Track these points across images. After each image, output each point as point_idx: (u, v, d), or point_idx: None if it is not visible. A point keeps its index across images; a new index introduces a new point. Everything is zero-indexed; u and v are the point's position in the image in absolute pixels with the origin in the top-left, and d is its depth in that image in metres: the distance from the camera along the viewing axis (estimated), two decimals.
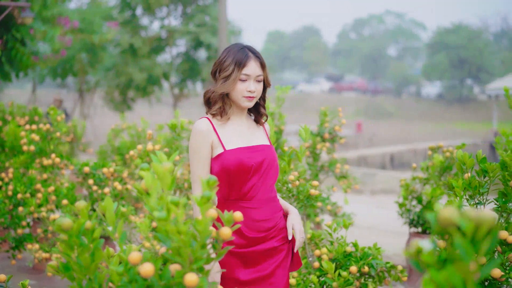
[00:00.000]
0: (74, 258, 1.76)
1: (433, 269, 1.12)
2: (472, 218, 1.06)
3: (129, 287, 1.70)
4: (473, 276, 1.07)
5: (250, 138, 2.67)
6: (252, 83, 2.57)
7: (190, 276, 1.63)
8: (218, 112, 2.61)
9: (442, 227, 1.15)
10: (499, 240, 2.60)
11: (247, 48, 2.61)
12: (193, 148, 2.57)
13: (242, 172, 2.54)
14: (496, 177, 2.78)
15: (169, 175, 1.74)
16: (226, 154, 2.54)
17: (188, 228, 1.68)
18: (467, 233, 1.07)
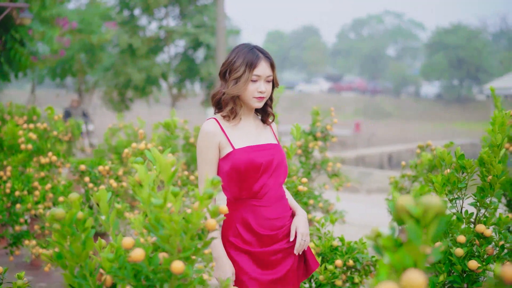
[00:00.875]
0: (66, 247, 1.87)
1: (389, 251, 1.24)
2: (421, 204, 1.18)
3: (119, 273, 1.81)
4: (423, 258, 1.18)
5: (258, 137, 2.69)
6: (263, 83, 2.59)
7: (176, 263, 1.74)
8: (229, 113, 2.63)
9: (399, 214, 1.27)
10: (447, 223, 2.71)
11: (256, 49, 2.63)
12: (200, 148, 2.60)
13: (252, 170, 2.56)
14: (474, 173, 2.89)
15: (170, 168, 1.85)
16: (235, 153, 2.56)
17: (180, 218, 1.80)
18: (417, 218, 1.18)
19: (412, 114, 48.91)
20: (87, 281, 1.86)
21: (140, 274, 1.81)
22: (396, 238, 1.27)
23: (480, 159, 2.91)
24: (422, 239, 1.19)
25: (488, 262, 2.80)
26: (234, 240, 2.60)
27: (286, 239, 2.66)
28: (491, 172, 2.86)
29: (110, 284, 1.88)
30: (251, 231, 2.59)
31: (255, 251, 2.59)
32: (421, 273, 1.08)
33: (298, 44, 73.92)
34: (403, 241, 1.24)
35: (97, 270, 1.89)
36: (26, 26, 10.80)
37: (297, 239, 2.66)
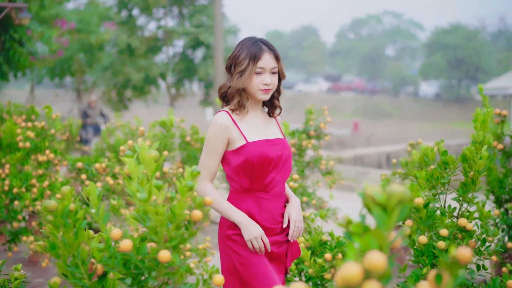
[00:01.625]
0: (59, 237, 1.96)
1: (357, 236, 1.33)
2: (385, 192, 1.27)
3: (109, 262, 1.90)
4: (387, 242, 1.27)
5: (266, 131, 2.72)
6: (268, 75, 2.61)
7: (163, 252, 1.84)
8: (237, 106, 2.65)
9: (367, 202, 1.36)
10: (410, 209, 2.79)
11: (260, 41, 2.65)
12: (210, 139, 2.62)
13: (264, 164, 2.59)
14: (457, 169, 2.98)
15: (153, 162, 1.94)
16: (249, 146, 2.59)
17: (165, 210, 1.89)
18: (381, 204, 1.27)
19: (411, 114, 49.00)
20: (79, 269, 1.95)
21: (129, 263, 1.90)
22: (364, 224, 1.36)
23: (463, 156, 3.00)
24: (386, 224, 1.28)
25: None
26: (236, 227, 2.62)
27: (284, 232, 2.72)
28: (473, 168, 2.96)
29: (101, 272, 1.97)
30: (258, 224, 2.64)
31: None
32: (382, 254, 1.17)
33: (297, 44, 74.03)
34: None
35: (88, 260, 1.98)
36: (25, 26, 10.89)
37: (290, 225, 2.70)
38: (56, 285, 2.01)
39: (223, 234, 2.69)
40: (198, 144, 6.90)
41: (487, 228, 2.97)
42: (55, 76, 18.93)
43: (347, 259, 1.29)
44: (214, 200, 2.60)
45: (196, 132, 6.99)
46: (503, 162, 4.57)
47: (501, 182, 4.55)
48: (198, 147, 6.90)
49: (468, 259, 1.20)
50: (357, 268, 1.15)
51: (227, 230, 2.66)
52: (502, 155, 4.59)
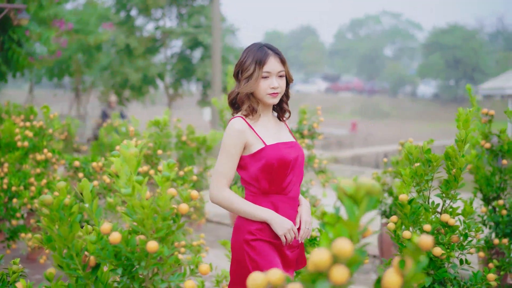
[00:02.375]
0: (55, 230, 2.06)
1: (330, 226, 1.43)
2: (354, 184, 1.37)
3: (101, 254, 2.01)
4: (357, 231, 1.38)
5: (279, 135, 2.75)
6: (275, 79, 2.65)
7: (151, 243, 1.94)
8: (248, 111, 2.67)
9: (340, 195, 1.46)
10: (378, 201, 2.89)
11: (265, 46, 2.68)
12: (227, 144, 2.63)
13: (283, 166, 2.61)
14: (440, 166, 3.08)
15: (134, 159, 2.05)
16: (268, 149, 2.61)
17: (150, 203, 1.99)
18: (351, 196, 1.38)
19: (409, 114, 49.12)
20: (73, 261, 2.05)
21: (120, 255, 2.01)
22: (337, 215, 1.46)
23: (446, 154, 3.10)
24: (355, 214, 1.38)
25: (452, 249, 2.99)
26: (256, 232, 2.62)
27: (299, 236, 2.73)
28: (456, 166, 3.06)
29: (94, 263, 2.07)
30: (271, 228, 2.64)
31: (274, 242, 2.64)
32: (349, 241, 1.27)
33: (296, 44, 74.14)
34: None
35: (82, 252, 2.09)
36: (24, 27, 10.98)
37: (301, 226, 2.72)
38: (51, 275, 2.12)
39: (240, 239, 2.66)
40: (194, 143, 7.00)
41: (470, 223, 3.07)
42: (54, 76, 19.02)
43: (319, 246, 1.39)
44: (239, 203, 2.61)
45: (192, 132, 7.09)
46: (490, 161, 4.68)
47: (488, 180, 4.66)
48: (194, 147, 7.00)
49: (429, 246, 1.31)
50: (326, 254, 1.25)
51: (245, 235, 2.64)
52: (490, 154, 4.69)
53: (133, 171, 2.06)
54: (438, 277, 2.97)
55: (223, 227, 7.60)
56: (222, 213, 8.26)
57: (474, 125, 4.87)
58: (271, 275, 1.37)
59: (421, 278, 1.32)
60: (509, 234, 4.47)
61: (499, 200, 4.52)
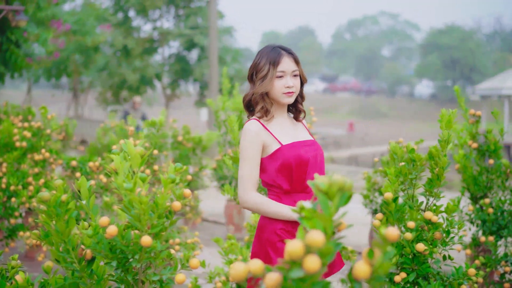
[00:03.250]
0: (52, 226, 2.18)
1: (307, 220, 1.54)
2: (327, 181, 1.49)
3: (96, 247, 2.12)
4: (330, 224, 1.49)
5: (296, 134, 2.75)
6: (289, 78, 2.67)
7: (145, 237, 2.06)
8: (262, 112, 2.69)
9: (315, 191, 1.58)
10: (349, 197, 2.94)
11: (278, 47, 2.72)
12: (246, 147, 2.64)
13: (301, 165, 2.62)
14: (424, 165, 3.20)
15: (139, 156, 2.16)
16: (284, 149, 2.63)
17: (148, 200, 2.11)
18: (325, 191, 1.49)
19: (407, 114, 49.29)
20: (70, 255, 2.17)
21: (115, 248, 2.12)
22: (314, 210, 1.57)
23: (429, 153, 3.22)
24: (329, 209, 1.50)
25: (435, 246, 3.11)
26: (281, 233, 2.62)
27: None
28: (439, 165, 3.18)
29: (90, 257, 2.19)
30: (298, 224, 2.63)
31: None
32: (321, 233, 1.39)
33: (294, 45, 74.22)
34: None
35: (79, 246, 2.20)
36: (22, 28, 11.09)
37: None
38: (49, 268, 2.23)
39: (264, 238, 2.67)
40: (190, 143, 7.11)
41: (452, 220, 3.19)
42: (51, 77, 19.13)
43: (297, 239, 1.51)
44: (268, 205, 2.60)
45: (188, 132, 7.20)
46: (478, 161, 4.80)
47: (475, 179, 4.78)
48: (190, 147, 7.11)
49: (395, 237, 1.42)
50: (300, 245, 1.37)
51: (270, 235, 2.64)
52: (477, 153, 4.81)
53: (138, 169, 2.17)
54: (422, 272, 3.09)
55: (218, 226, 7.71)
56: (218, 213, 8.37)
57: (463, 126, 5.00)
58: (251, 264, 1.49)
59: (388, 267, 1.43)
60: (495, 232, 4.60)
61: (486, 198, 4.64)
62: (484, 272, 4.53)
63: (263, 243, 2.65)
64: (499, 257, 4.51)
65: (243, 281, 1.53)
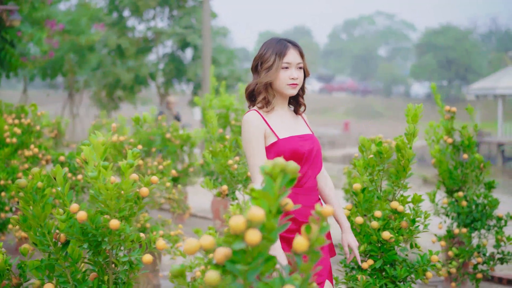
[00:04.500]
0: (30, 211, 2.32)
1: (255, 200, 1.69)
2: (271, 163, 1.63)
3: (69, 231, 2.27)
4: (274, 203, 1.64)
5: (295, 127, 2.78)
6: (294, 70, 2.70)
7: (113, 221, 2.21)
8: (263, 103, 2.71)
9: (263, 173, 1.73)
10: (291, 180, 2.98)
11: (284, 40, 2.75)
12: (249, 138, 2.66)
13: (296, 159, 2.65)
14: (391, 157, 3.35)
15: (101, 147, 2.31)
16: (280, 143, 2.66)
17: (114, 186, 2.26)
18: (268, 173, 1.64)
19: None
20: (45, 238, 2.32)
21: (86, 232, 2.27)
22: (262, 190, 1.72)
23: (397, 146, 3.37)
24: (274, 189, 1.65)
25: (400, 234, 3.27)
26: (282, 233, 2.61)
27: None
28: (405, 157, 3.33)
29: (64, 240, 2.34)
30: (292, 219, 2.63)
31: (292, 237, 2.64)
32: (261, 208, 1.53)
33: None
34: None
35: (54, 230, 2.35)
36: (16, 27, 11.21)
37: (356, 252, 2.84)
38: (26, 250, 2.38)
39: None
40: (178, 140, 7.26)
41: (418, 210, 3.34)
42: (47, 76, 19.25)
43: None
44: None
45: (176, 130, 7.35)
46: (453, 155, 4.95)
47: (451, 173, 4.94)
48: (178, 144, 7.26)
49: (329, 213, 1.57)
50: (241, 220, 1.51)
51: None
52: (452, 148, 4.97)
53: (101, 157, 2.33)
54: (388, 259, 3.24)
55: (206, 221, 7.85)
56: (206, 208, 8.51)
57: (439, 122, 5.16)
58: (203, 240, 1.64)
59: (322, 242, 1.58)
60: (469, 224, 4.75)
61: (460, 192, 4.79)
62: (457, 262, 4.69)
63: None
64: (472, 249, 4.67)
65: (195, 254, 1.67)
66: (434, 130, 5.13)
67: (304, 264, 1.60)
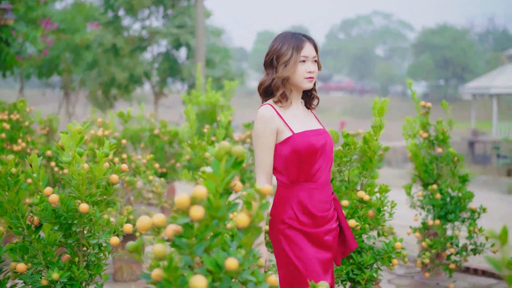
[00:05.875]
0: (5, 197, 2.47)
1: (203, 181, 1.84)
2: (218, 147, 1.78)
3: (42, 214, 2.41)
4: (220, 182, 1.78)
5: (307, 122, 2.77)
6: (311, 64, 2.71)
7: (83, 205, 2.35)
8: (280, 98, 2.70)
9: (209, 156, 1.87)
10: (236, 162, 3.03)
11: (299, 34, 2.75)
12: (258, 134, 2.66)
13: (311, 154, 2.63)
14: (358, 149, 3.50)
15: (78, 135, 2.46)
16: (296, 137, 2.64)
17: (86, 172, 2.40)
18: (214, 155, 1.78)
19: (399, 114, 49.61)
20: (20, 221, 2.46)
21: (58, 214, 2.42)
22: (211, 172, 1.86)
23: (364, 138, 3.52)
24: (220, 171, 1.79)
25: (366, 222, 3.41)
26: (290, 222, 2.64)
27: (333, 219, 2.76)
28: (371, 148, 3.48)
29: (37, 223, 2.48)
30: (307, 213, 2.66)
31: (310, 231, 2.65)
32: (204, 187, 1.68)
33: None
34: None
35: (28, 213, 2.49)
36: (10, 26, 11.34)
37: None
38: (0, 233, 2.52)
39: (275, 229, 2.69)
40: (167, 136, 7.41)
41: (383, 199, 3.49)
42: (43, 75, 19.38)
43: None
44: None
45: (165, 126, 7.50)
46: (427, 149, 5.10)
47: (426, 167, 5.08)
48: (167, 140, 7.41)
49: (267, 192, 1.72)
50: (185, 197, 1.66)
51: (279, 224, 2.67)
52: (427, 143, 5.12)
53: (76, 145, 2.47)
54: None
55: None
56: None
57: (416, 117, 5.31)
58: (155, 218, 1.78)
59: (262, 218, 1.73)
60: (443, 216, 4.90)
61: (434, 185, 4.94)
62: (430, 253, 4.84)
63: (275, 232, 2.68)
64: (445, 240, 4.82)
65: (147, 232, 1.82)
66: (411, 125, 5.28)
67: (245, 238, 1.74)
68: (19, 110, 7.33)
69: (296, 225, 2.63)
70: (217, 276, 1.72)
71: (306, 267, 2.61)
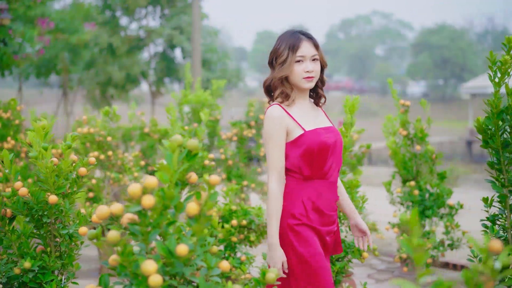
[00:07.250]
0: None
1: (158, 173, 1.95)
2: (170, 139, 1.88)
3: (14, 206, 2.53)
4: (173, 174, 1.88)
5: (316, 120, 2.74)
6: (309, 63, 2.65)
7: (52, 196, 2.46)
8: (282, 97, 2.68)
9: (165, 149, 1.98)
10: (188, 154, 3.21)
11: (298, 32, 2.71)
12: (269, 134, 2.64)
13: (323, 151, 2.61)
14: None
15: (42, 131, 2.57)
16: (308, 135, 2.61)
17: (53, 165, 2.51)
18: (169, 148, 1.89)
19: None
20: None
21: (29, 207, 2.53)
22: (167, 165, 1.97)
23: None
24: (175, 165, 1.90)
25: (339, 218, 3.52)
26: (300, 217, 2.63)
27: (335, 222, 2.77)
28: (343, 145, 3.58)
29: (10, 215, 2.59)
30: (316, 210, 2.65)
31: (317, 228, 2.65)
32: (154, 177, 1.79)
33: None
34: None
35: (2, 207, 2.61)
36: (7, 26, 11.44)
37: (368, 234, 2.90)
38: None
39: (284, 223, 2.65)
40: (157, 135, 7.52)
41: (354, 195, 3.59)
42: (41, 75, 19.49)
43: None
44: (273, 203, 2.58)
45: (155, 124, 7.61)
46: (406, 147, 5.21)
47: (405, 164, 5.20)
48: (157, 138, 7.52)
49: (216, 182, 1.83)
50: (138, 186, 1.77)
51: (288, 219, 2.64)
52: (406, 140, 5.23)
53: (41, 140, 2.58)
54: None
55: None
56: None
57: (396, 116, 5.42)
58: (113, 207, 1.88)
59: (212, 206, 1.84)
60: (421, 212, 5.01)
61: (412, 181, 5.05)
62: None
63: (284, 227, 2.65)
64: (422, 235, 4.92)
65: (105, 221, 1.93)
66: (392, 123, 5.39)
67: (195, 226, 1.85)
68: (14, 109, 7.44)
69: (305, 220, 2.63)
70: (169, 261, 1.82)
71: (318, 263, 2.61)
